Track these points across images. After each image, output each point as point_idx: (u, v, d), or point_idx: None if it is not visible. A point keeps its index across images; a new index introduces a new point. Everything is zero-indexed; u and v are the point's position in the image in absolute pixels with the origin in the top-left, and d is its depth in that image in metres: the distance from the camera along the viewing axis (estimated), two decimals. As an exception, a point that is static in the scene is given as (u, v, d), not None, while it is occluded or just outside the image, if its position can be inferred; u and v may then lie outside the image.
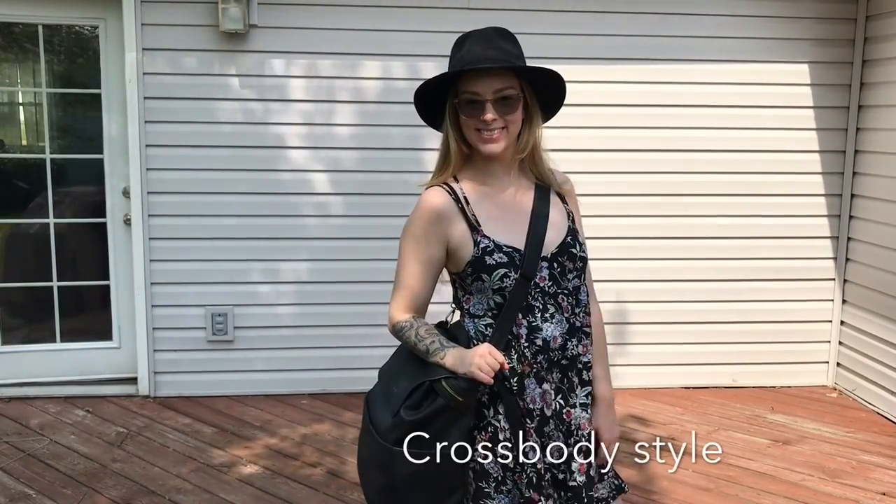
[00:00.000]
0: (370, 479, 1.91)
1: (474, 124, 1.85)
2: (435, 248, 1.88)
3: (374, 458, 1.86)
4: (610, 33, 4.51)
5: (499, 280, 1.84)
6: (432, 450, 1.78)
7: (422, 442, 1.78)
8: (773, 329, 4.84)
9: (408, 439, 1.78)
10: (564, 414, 1.93)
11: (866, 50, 4.61)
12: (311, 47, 4.40)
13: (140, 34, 4.28)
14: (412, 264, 1.90)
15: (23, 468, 3.66)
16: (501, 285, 1.85)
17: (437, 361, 1.82)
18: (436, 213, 1.87)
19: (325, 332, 4.61)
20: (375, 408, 1.91)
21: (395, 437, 1.80)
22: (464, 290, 1.93)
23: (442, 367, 1.81)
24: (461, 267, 1.88)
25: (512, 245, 1.87)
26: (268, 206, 4.48)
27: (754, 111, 4.66)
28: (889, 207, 4.40)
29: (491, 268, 1.84)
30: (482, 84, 1.83)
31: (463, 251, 1.87)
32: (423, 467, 1.79)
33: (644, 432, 4.18)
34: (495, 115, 1.83)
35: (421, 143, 4.46)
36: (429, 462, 1.79)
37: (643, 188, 4.65)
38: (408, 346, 1.91)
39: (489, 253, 1.85)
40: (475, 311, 1.91)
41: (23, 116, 4.78)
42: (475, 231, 1.87)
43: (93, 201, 4.61)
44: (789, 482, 3.65)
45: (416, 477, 1.80)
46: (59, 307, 4.62)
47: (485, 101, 1.83)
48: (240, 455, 3.85)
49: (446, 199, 1.89)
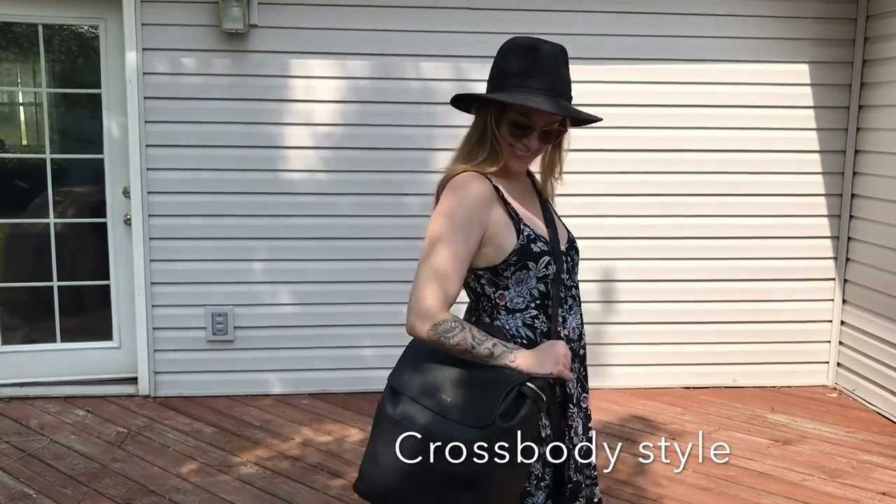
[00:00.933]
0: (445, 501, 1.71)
1: (513, 142, 1.86)
2: (477, 236, 1.79)
3: (456, 478, 1.66)
4: (609, 33, 4.51)
5: (544, 268, 1.83)
6: (517, 456, 1.68)
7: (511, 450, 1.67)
8: (773, 329, 4.84)
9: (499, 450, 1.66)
10: (582, 400, 1.97)
11: (866, 50, 4.61)
12: (311, 47, 4.40)
13: (140, 34, 4.28)
14: (454, 254, 1.75)
15: (23, 468, 3.66)
16: (546, 273, 1.84)
17: (506, 364, 1.72)
18: (485, 197, 1.80)
19: (325, 332, 4.61)
20: (435, 428, 1.69)
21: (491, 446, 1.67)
22: (496, 285, 1.86)
23: (511, 369, 1.71)
24: (503, 257, 1.81)
25: (545, 237, 1.88)
26: (268, 206, 4.48)
27: (754, 111, 4.66)
28: (889, 207, 4.40)
29: (537, 255, 1.83)
30: (538, 115, 1.83)
31: (504, 239, 1.81)
32: (515, 473, 1.71)
33: (644, 432, 4.18)
34: (539, 143, 1.87)
35: (422, 143, 4.46)
36: (521, 468, 1.72)
37: (643, 188, 4.65)
38: (452, 349, 1.73)
39: (533, 241, 1.83)
40: (515, 306, 1.85)
41: (23, 116, 4.78)
42: (516, 219, 1.84)
43: (93, 201, 4.61)
44: (789, 482, 3.65)
45: (507, 483, 1.71)
46: (60, 307, 4.62)
47: (533, 129, 1.84)
48: (240, 455, 3.85)
49: (487, 184, 1.83)
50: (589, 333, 4.95)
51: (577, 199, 4.57)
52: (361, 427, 4.18)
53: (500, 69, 1.86)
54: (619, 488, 3.55)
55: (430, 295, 1.74)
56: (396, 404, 1.77)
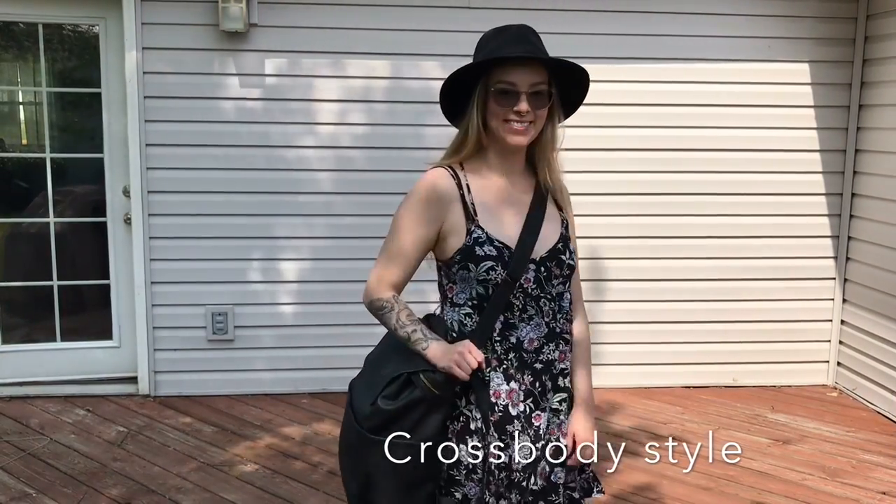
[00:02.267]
0: (346, 464, 1.93)
1: (505, 114, 1.85)
2: (430, 227, 1.87)
3: (352, 444, 1.89)
4: (609, 32, 4.51)
5: (484, 272, 1.84)
6: (413, 447, 1.81)
7: (401, 438, 1.82)
8: (773, 328, 4.84)
9: (388, 439, 1.81)
10: (534, 418, 1.91)
11: (867, 49, 4.60)
12: (311, 46, 4.40)
13: (140, 33, 4.28)
14: (405, 239, 1.88)
15: (23, 467, 3.66)
16: (486, 277, 1.85)
17: (419, 351, 1.85)
18: (437, 193, 1.87)
19: (325, 332, 4.61)
20: (357, 394, 1.91)
21: (371, 424, 1.84)
22: (448, 278, 1.93)
23: (423, 358, 1.83)
24: (450, 254, 1.87)
25: (503, 241, 1.86)
26: (268, 206, 4.48)
27: (755, 110, 4.66)
28: (889, 207, 4.40)
29: (479, 259, 1.84)
30: (519, 76, 1.85)
31: (454, 238, 1.87)
32: (403, 465, 1.82)
33: (645, 432, 4.18)
34: (529, 107, 1.85)
35: (421, 143, 4.46)
36: (410, 462, 1.82)
37: (644, 187, 4.65)
38: (385, 326, 1.94)
39: (480, 244, 1.85)
40: (457, 301, 1.91)
41: (23, 116, 4.78)
42: (470, 220, 1.87)
43: (93, 200, 4.61)
44: (790, 481, 3.65)
45: (391, 467, 1.83)
46: (60, 306, 4.62)
47: (520, 92, 1.85)
48: (240, 454, 3.85)
49: (449, 182, 1.88)
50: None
51: (577, 198, 4.53)
52: (361, 426, 4.18)
53: (475, 57, 1.93)
54: (619, 488, 3.55)
55: (373, 275, 1.96)
56: (358, 374, 2.02)
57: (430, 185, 1.88)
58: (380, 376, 1.89)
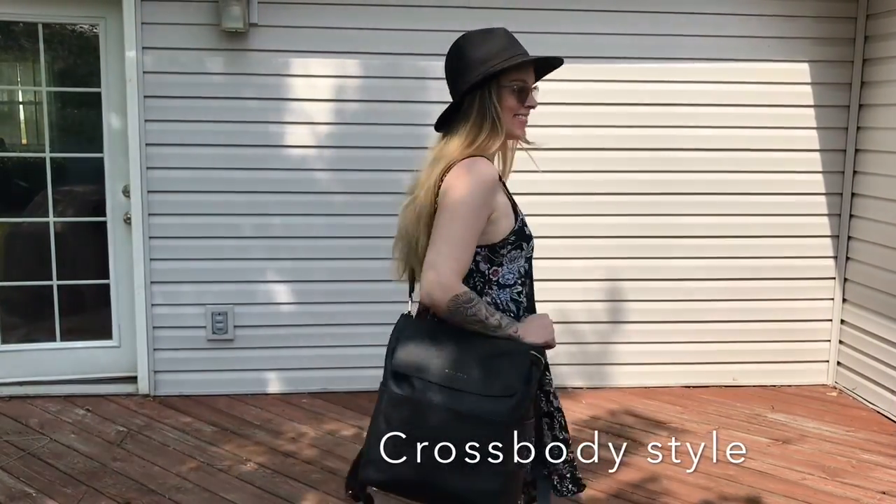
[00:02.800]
0: (467, 473, 1.79)
1: (518, 109, 2.02)
2: (485, 217, 1.93)
3: (483, 443, 1.78)
4: (608, 32, 4.51)
5: (531, 249, 2.06)
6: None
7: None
8: (773, 328, 4.84)
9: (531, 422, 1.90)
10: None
11: (867, 48, 4.60)
12: (311, 46, 4.40)
13: (140, 33, 4.28)
14: (469, 234, 1.89)
15: (23, 467, 3.66)
16: (531, 254, 2.07)
17: (510, 334, 1.90)
18: (494, 182, 1.94)
19: (325, 331, 4.61)
20: (456, 401, 1.81)
21: (519, 414, 1.81)
22: (492, 261, 1.99)
23: (514, 339, 1.89)
24: (502, 236, 1.97)
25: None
26: (268, 205, 4.48)
27: (754, 110, 4.66)
28: (889, 206, 4.40)
29: (528, 237, 2.04)
30: (529, 75, 2.04)
31: (506, 220, 1.98)
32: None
33: (645, 431, 4.18)
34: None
35: (423, 143, 4.45)
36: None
37: (644, 187, 4.65)
38: (466, 319, 1.86)
39: (524, 224, 2.03)
40: (506, 281, 2.02)
41: (23, 115, 4.78)
42: (513, 203, 2.04)
43: (93, 200, 4.61)
44: (789, 481, 3.65)
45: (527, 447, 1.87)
46: (59, 306, 4.61)
47: (531, 88, 2.04)
48: (240, 454, 3.85)
49: (496, 170, 2.00)
50: (589, 332, 4.94)
51: (577, 198, 4.57)
52: (361, 426, 4.18)
53: (473, 58, 1.98)
54: (619, 487, 3.55)
55: (449, 269, 1.86)
56: (409, 387, 1.86)
57: (491, 175, 1.94)
58: (471, 372, 1.84)
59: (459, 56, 2.01)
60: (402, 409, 1.85)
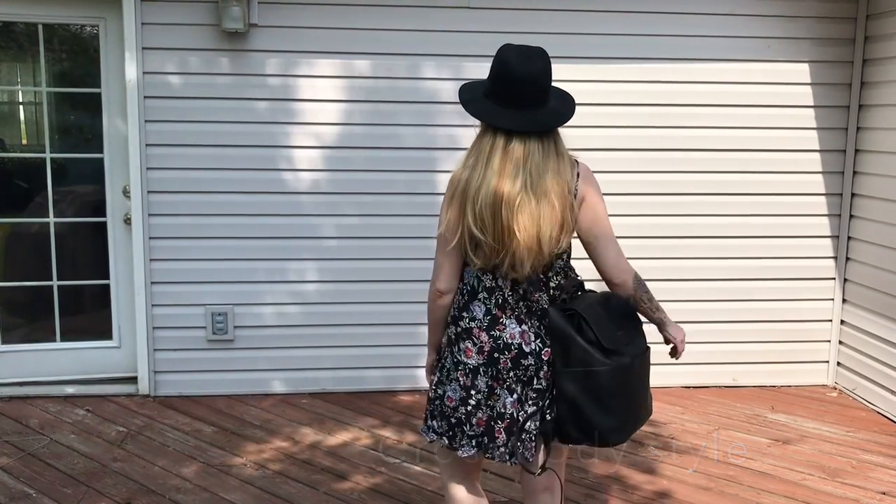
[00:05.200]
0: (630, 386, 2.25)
1: None
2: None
3: (642, 371, 2.32)
4: (608, 32, 4.51)
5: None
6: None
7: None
8: (773, 328, 4.84)
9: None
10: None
11: (867, 49, 4.60)
12: (311, 46, 4.40)
13: (140, 33, 4.28)
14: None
15: (23, 467, 3.66)
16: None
17: (661, 317, 2.44)
18: None
19: (325, 332, 4.61)
20: (624, 345, 2.24)
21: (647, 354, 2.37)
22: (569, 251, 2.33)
23: (663, 322, 2.43)
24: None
25: None
26: (268, 206, 4.48)
27: (754, 110, 4.66)
28: (889, 206, 4.40)
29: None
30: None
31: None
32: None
33: (644, 431, 4.18)
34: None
35: (423, 143, 4.46)
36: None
37: (643, 187, 4.65)
38: (642, 297, 2.37)
39: None
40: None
41: (23, 116, 4.78)
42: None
43: (93, 200, 4.61)
44: (789, 481, 3.65)
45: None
46: (60, 306, 4.62)
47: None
48: (240, 454, 3.85)
49: None
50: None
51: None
52: (361, 426, 4.18)
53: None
54: (619, 488, 3.55)
55: (621, 255, 2.36)
56: (617, 356, 2.21)
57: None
58: (622, 329, 2.28)
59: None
60: (619, 375, 2.19)
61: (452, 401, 2.29)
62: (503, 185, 2.10)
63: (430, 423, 2.38)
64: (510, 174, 2.11)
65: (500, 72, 2.14)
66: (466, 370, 2.25)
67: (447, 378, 2.31)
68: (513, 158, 2.12)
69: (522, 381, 2.23)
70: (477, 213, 2.12)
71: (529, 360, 2.22)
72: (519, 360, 2.21)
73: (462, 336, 2.26)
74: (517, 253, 2.13)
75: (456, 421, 2.29)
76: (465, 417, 2.27)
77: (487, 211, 2.11)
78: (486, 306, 2.24)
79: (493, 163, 2.12)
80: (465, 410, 2.27)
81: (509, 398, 2.22)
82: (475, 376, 2.24)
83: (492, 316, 2.24)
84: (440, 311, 2.32)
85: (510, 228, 2.11)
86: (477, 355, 2.23)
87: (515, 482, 3.46)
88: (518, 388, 2.23)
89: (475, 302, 2.25)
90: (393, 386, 4.66)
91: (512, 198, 2.10)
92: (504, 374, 2.22)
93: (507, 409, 2.23)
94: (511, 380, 2.22)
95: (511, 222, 2.10)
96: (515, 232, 2.11)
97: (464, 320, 2.26)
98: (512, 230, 2.11)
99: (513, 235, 2.11)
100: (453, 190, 2.18)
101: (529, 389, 2.23)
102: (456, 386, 2.28)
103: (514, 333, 2.22)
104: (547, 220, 2.13)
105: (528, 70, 2.13)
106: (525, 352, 2.22)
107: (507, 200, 2.10)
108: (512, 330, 2.23)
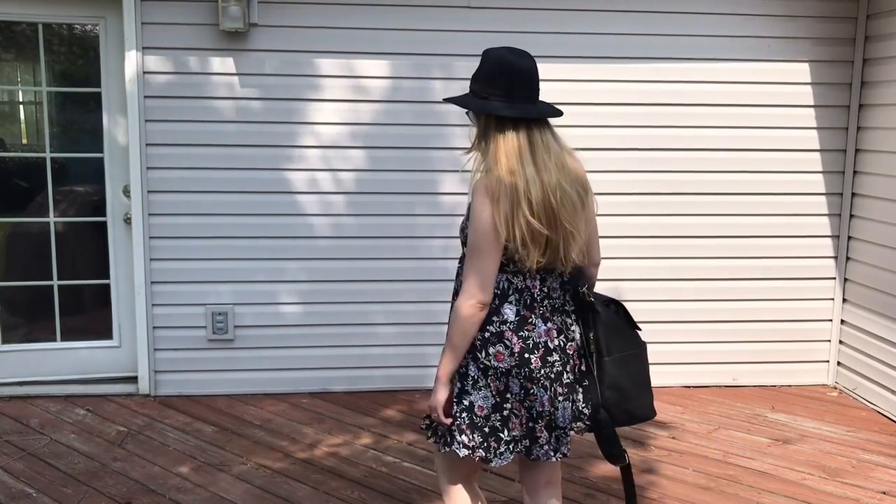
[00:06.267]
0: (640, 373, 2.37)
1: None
2: None
3: (645, 362, 2.40)
4: (609, 32, 4.51)
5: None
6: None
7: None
8: (773, 328, 4.84)
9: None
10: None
11: (867, 48, 4.60)
12: (311, 46, 4.40)
13: (140, 33, 4.28)
14: None
15: (23, 467, 3.66)
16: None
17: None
18: None
19: (325, 331, 4.61)
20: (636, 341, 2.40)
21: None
22: None
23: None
24: None
25: None
26: (268, 205, 4.48)
27: (755, 110, 4.66)
28: (890, 206, 4.40)
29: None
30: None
31: None
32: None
33: (644, 431, 4.18)
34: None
35: (423, 143, 4.46)
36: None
37: (643, 187, 4.65)
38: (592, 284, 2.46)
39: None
40: None
41: (23, 115, 4.78)
42: None
43: (93, 200, 4.61)
44: (789, 481, 3.65)
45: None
46: (60, 306, 4.62)
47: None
48: (240, 454, 3.85)
49: None
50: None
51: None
52: (361, 426, 4.18)
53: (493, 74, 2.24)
54: (619, 487, 3.54)
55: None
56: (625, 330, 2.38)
57: None
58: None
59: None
60: (636, 362, 2.34)
61: (483, 409, 2.25)
62: (549, 177, 2.16)
63: (460, 438, 2.26)
64: (546, 166, 2.17)
65: (503, 69, 2.18)
66: (498, 374, 2.23)
67: (473, 387, 2.26)
68: (542, 149, 2.18)
69: (550, 378, 2.25)
70: (535, 208, 2.14)
71: (555, 356, 2.25)
72: (546, 357, 2.24)
73: (491, 340, 2.23)
74: (567, 241, 2.20)
75: (490, 430, 2.25)
76: (502, 424, 2.25)
77: (545, 205, 2.15)
78: (516, 308, 2.24)
79: (535, 157, 2.16)
80: (501, 416, 2.25)
81: (545, 395, 2.24)
82: (508, 379, 2.24)
83: (521, 317, 2.24)
84: (475, 328, 2.21)
85: (560, 218, 2.17)
86: (508, 358, 2.22)
87: (515, 481, 3.46)
88: (549, 385, 2.25)
89: (506, 304, 2.24)
90: (393, 386, 4.67)
91: (558, 188, 2.17)
92: (536, 374, 2.23)
93: (546, 407, 2.25)
94: (543, 377, 2.23)
95: (559, 211, 2.17)
96: (563, 221, 2.17)
97: (493, 324, 2.23)
98: (560, 219, 2.17)
99: (562, 224, 2.17)
100: (497, 192, 2.13)
101: (558, 385, 2.26)
102: (487, 393, 2.25)
103: (541, 332, 2.25)
104: (580, 206, 2.22)
105: (526, 64, 2.21)
106: (550, 348, 2.25)
107: (552, 190, 2.16)
108: (539, 329, 2.25)
